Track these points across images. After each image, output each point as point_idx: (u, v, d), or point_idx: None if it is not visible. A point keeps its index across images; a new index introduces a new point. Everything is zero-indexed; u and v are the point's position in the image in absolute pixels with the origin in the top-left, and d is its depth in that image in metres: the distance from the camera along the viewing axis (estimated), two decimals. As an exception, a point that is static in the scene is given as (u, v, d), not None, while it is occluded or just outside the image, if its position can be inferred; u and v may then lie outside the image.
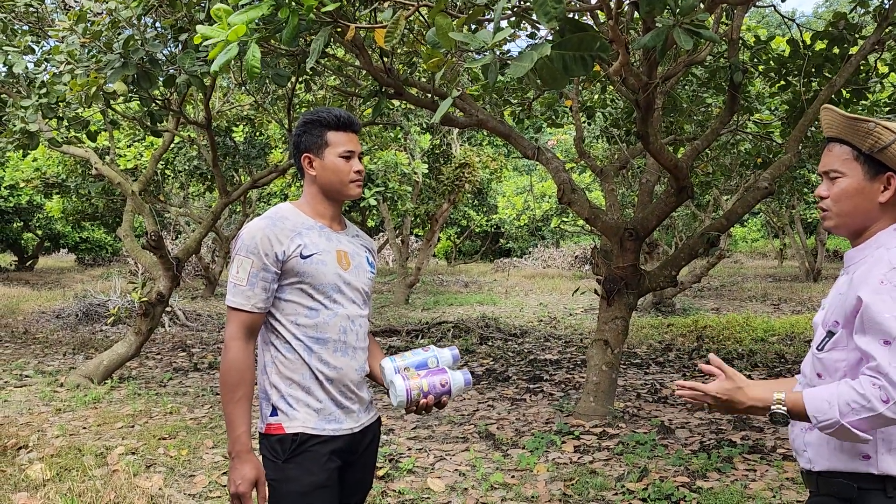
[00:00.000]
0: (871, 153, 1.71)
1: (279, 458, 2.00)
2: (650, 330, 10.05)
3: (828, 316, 1.78)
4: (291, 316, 2.05)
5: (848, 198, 1.75)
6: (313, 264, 2.04)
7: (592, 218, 5.48)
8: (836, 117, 1.75)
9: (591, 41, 1.73)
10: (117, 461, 4.45)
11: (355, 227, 2.30)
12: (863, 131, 1.70)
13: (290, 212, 2.12)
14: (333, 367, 2.06)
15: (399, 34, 2.19)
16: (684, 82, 7.11)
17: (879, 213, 1.75)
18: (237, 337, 2.00)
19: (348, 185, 2.13)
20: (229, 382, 1.99)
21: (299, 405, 2.03)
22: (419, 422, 5.41)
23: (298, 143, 2.15)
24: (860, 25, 5.65)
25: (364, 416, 2.16)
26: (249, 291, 2.00)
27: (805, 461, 1.80)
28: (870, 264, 1.70)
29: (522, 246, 26.44)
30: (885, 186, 1.73)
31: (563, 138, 15.69)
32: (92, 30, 4.41)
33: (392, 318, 11.72)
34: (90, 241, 23.11)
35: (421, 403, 2.10)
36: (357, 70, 6.65)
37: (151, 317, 6.81)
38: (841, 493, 1.71)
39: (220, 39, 2.37)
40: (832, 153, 1.78)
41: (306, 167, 2.14)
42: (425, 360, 2.19)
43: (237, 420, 1.98)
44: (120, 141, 10.85)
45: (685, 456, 4.48)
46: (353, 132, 2.14)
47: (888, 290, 1.62)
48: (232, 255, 2.07)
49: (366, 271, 2.19)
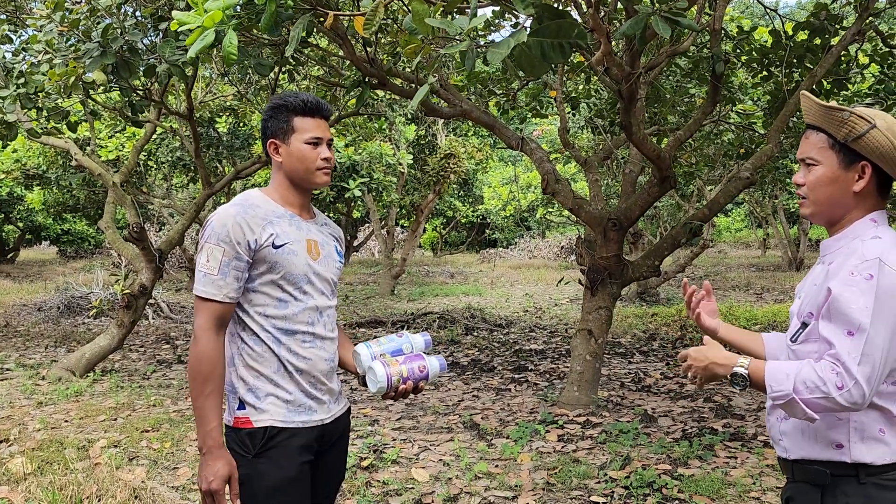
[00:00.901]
0: (846, 142, 1.71)
1: (249, 453, 1.96)
2: (634, 319, 10.11)
3: (803, 307, 1.79)
4: (260, 307, 2.00)
5: (823, 186, 1.75)
6: (285, 254, 1.99)
7: (576, 208, 5.49)
8: (812, 105, 1.76)
9: (568, 28, 1.72)
10: (99, 454, 4.43)
11: (323, 215, 2.26)
12: (837, 120, 1.70)
13: (259, 199, 2.06)
14: (303, 358, 2.03)
15: (378, 22, 2.17)
16: (668, 73, 7.13)
17: (854, 203, 1.75)
18: (208, 328, 1.95)
19: (315, 172, 2.07)
20: (200, 375, 1.93)
21: (268, 397, 1.99)
22: (404, 412, 5.42)
23: (265, 128, 2.10)
24: (841, 16, 5.68)
25: (335, 406, 2.13)
26: (221, 281, 1.95)
27: (781, 449, 1.83)
28: (845, 256, 1.71)
29: (508, 236, 26.49)
30: (860, 175, 1.72)
31: (548, 129, 15.69)
32: (70, 18, 4.35)
33: (377, 309, 11.71)
34: (72, 233, 22.89)
35: (400, 389, 2.09)
36: (340, 60, 6.61)
37: (134, 309, 6.76)
38: (815, 479, 1.73)
39: (196, 26, 2.35)
40: (809, 140, 1.78)
41: (272, 153, 2.09)
42: (400, 347, 2.18)
43: (208, 414, 1.93)
44: (101, 132, 10.74)
45: (667, 444, 4.51)
46: (321, 118, 2.08)
47: (857, 282, 1.63)
48: (200, 244, 2.01)
49: (335, 261, 2.15)
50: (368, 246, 24.56)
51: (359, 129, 11.07)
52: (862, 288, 1.62)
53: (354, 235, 22.15)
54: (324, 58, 6.61)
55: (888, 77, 6.27)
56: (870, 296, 1.61)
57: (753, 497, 3.71)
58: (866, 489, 1.68)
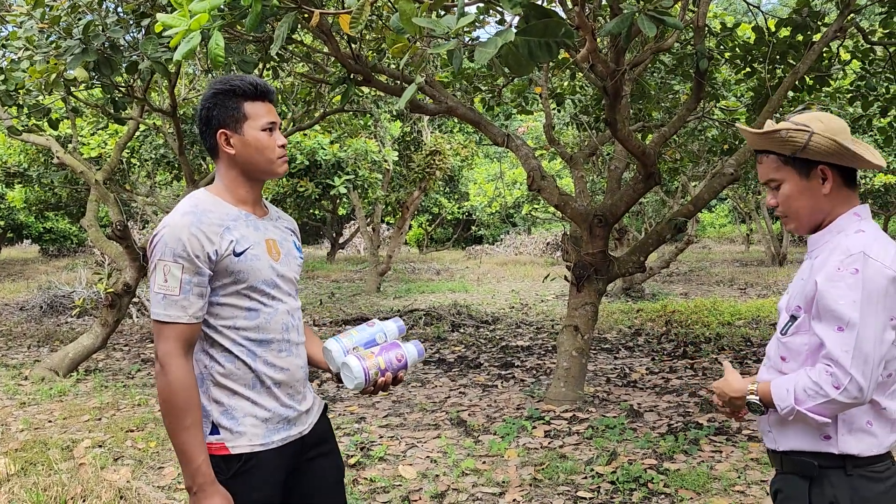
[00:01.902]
0: (795, 156, 1.77)
1: (223, 475, 1.81)
2: (620, 315, 10.16)
3: (791, 301, 1.83)
4: (228, 320, 1.83)
5: (795, 200, 1.81)
6: (248, 261, 1.83)
7: (562, 205, 5.51)
8: (751, 136, 1.82)
9: (556, 27, 1.72)
10: (84, 454, 4.40)
11: (275, 207, 2.09)
12: (779, 140, 1.76)
13: (210, 202, 1.86)
14: (280, 368, 1.89)
15: (364, 20, 2.16)
16: (652, 69, 7.16)
17: (830, 203, 1.80)
18: (176, 354, 1.76)
19: (275, 161, 1.90)
20: (176, 408, 1.75)
21: (245, 418, 1.84)
22: (391, 409, 5.42)
23: (209, 117, 1.88)
24: (823, 13, 5.73)
25: (312, 415, 2.01)
26: (185, 301, 1.76)
27: (770, 441, 1.86)
28: (829, 250, 1.75)
29: (494, 233, 26.52)
30: (823, 178, 1.78)
31: (534, 125, 15.73)
32: (51, 15, 4.31)
33: (364, 306, 11.70)
34: (54, 232, 22.65)
35: (379, 382, 1.96)
36: (325, 57, 6.58)
37: (118, 308, 6.71)
38: (803, 471, 1.77)
39: (181, 28, 2.33)
40: (763, 165, 1.85)
41: (222, 145, 1.88)
42: (373, 337, 2.04)
43: (193, 450, 1.76)
44: (83, 129, 10.63)
45: (653, 439, 4.54)
46: (269, 101, 1.91)
47: (843, 277, 1.67)
48: (152, 261, 1.79)
49: (295, 258, 2.01)
50: (354, 243, 24.50)
51: (344, 125, 11.03)
52: (848, 283, 1.66)
53: (340, 233, 22.08)
54: (308, 54, 6.58)
55: (869, 73, 6.33)
56: (857, 290, 1.65)
57: (738, 490, 3.74)
58: (853, 480, 1.72)
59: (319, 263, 19.86)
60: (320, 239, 27.56)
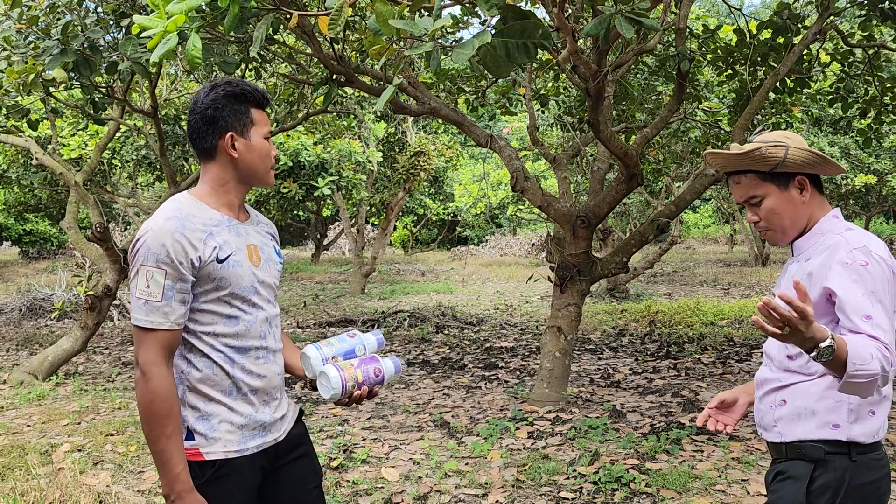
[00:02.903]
0: (775, 170, 1.86)
1: (197, 480, 1.79)
2: (604, 316, 10.20)
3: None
4: (208, 326, 1.82)
5: (780, 213, 1.90)
6: (230, 267, 1.82)
7: (545, 206, 5.52)
8: (727, 158, 1.88)
9: (533, 29, 1.72)
10: (63, 459, 4.34)
11: (255, 212, 2.07)
12: (759, 158, 1.84)
13: (193, 206, 1.84)
14: (258, 375, 1.88)
15: (343, 22, 2.15)
16: (635, 71, 7.19)
17: (809, 210, 1.91)
18: (157, 361, 1.74)
19: (269, 170, 1.92)
20: (157, 415, 1.73)
21: (221, 424, 1.83)
22: (374, 412, 5.40)
23: (215, 118, 1.85)
24: (803, 15, 5.78)
25: (287, 421, 2.00)
26: (167, 307, 1.74)
27: (774, 435, 1.91)
28: (829, 251, 1.81)
29: (479, 234, 26.56)
30: (801, 188, 1.89)
31: (518, 126, 15.75)
32: (29, 15, 4.26)
33: (348, 308, 11.66)
34: (34, 234, 22.42)
35: (354, 395, 1.95)
36: (308, 58, 6.56)
37: (98, 310, 6.64)
38: (808, 454, 1.83)
39: (158, 30, 2.31)
40: (742, 184, 1.92)
41: (226, 148, 1.86)
42: (353, 348, 2.03)
43: (174, 458, 1.74)
44: (63, 130, 10.53)
45: (636, 439, 4.56)
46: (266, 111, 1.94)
47: (855, 270, 1.74)
48: (134, 266, 1.77)
49: (275, 263, 1.99)
50: (338, 244, 24.43)
51: (328, 126, 11.00)
52: (861, 274, 1.74)
53: (324, 234, 22.01)
54: (291, 55, 6.55)
55: (849, 76, 6.40)
56: (869, 280, 1.74)
57: (719, 489, 3.76)
58: (855, 467, 1.80)
59: (303, 265, 19.79)
60: (304, 240, 27.47)
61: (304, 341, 8.26)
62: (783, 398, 1.88)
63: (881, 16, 5.33)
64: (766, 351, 1.99)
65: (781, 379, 1.90)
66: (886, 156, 15.67)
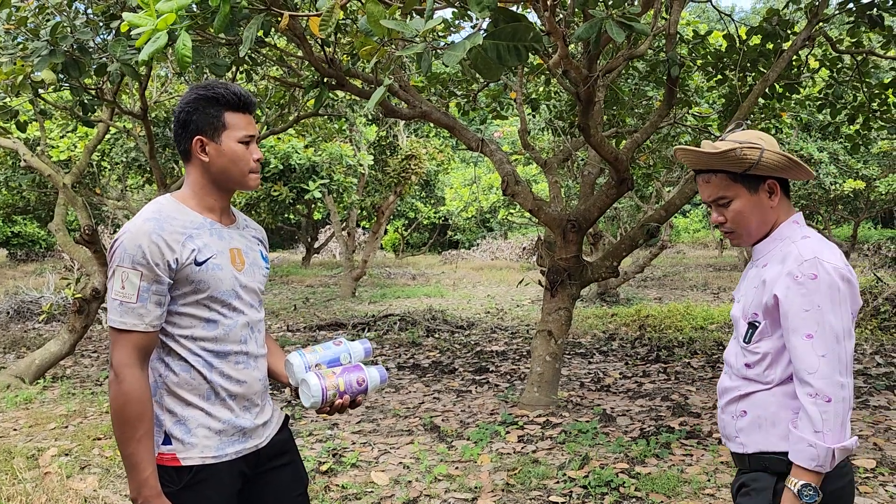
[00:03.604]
0: (748, 172, 1.83)
1: (174, 486, 1.77)
2: (595, 320, 10.21)
3: (746, 309, 1.87)
4: (186, 329, 1.80)
5: (747, 216, 1.87)
6: (209, 270, 1.80)
7: (536, 210, 5.52)
8: (700, 156, 1.85)
9: (524, 32, 1.72)
10: (50, 463, 4.31)
11: (244, 216, 2.05)
12: (733, 159, 1.81)
13: (174, 208, 1.83)
14: (237, 381, 1.85)
15: (333, 23, 2.15)
16: (626, 75, 7.22)
17: (775, 214, 1.88)
18: (130, 363, 1.72)
19: (247, 175, 1.88)
20: (128, 418, 1.71)
21: (198, 429, 1.80)
22: (364, 415, 5.38)
23: (187, 121, 1.84)
24: (792, 22, 5.82)
25: (269, 428, 1.97)
26: (142, 309, 1.72)
27: (737, 445, 1.90)
28: (779, 258, 1.80)
29: (470, 238, 26.57)
30: (771, 192, 1.85)
31: (510, 130, 15.78)
32: (17, 16, 4.23)
33: (338, 311, 11.63)
34: (22, 236, 22.29)
35: (336, 404, 1.93)
36: (299, 60, 6.55)
37: (86, 314, 6.60)
38: (773, 468, 1.81)
39: (147, 28, 2.30)
40: (711, 184, 1.88)
41: (197, 152, 1.85)
42: (338, 356, 2.01)
43: (143, 462, 1.71)
44: (52, 131, 10.47)
45: (625, 443, 4.56)
46: (250, 113, 1.88)
47: (804, 284, 1.72)
48: (111, 267, 1.75)
49: (260, 268, 1.96)
50: (329, 248, 24.39)
51: (319, 129, 10.98)
52: (809, 288, 1.71)
53: (315, 237, 21.96)
54: (282, 58, 6.54)
55: (837, 82, 6.44)
56: (817, 294, 1.71)
57: (708, 493, 3.77)
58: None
59: (294, 268, 19.74)
60: (295, 243, 27.41)
61: (295, 345, 8.23)
62: (743, 409, 1.87)
63: (869, 23, 5.38)
64: (725, 358, 1.96)
65: (741, 388, 1.87)
66: (874, 161, 15.79)
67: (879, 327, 8.51)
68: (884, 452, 4.29)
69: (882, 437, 4.57)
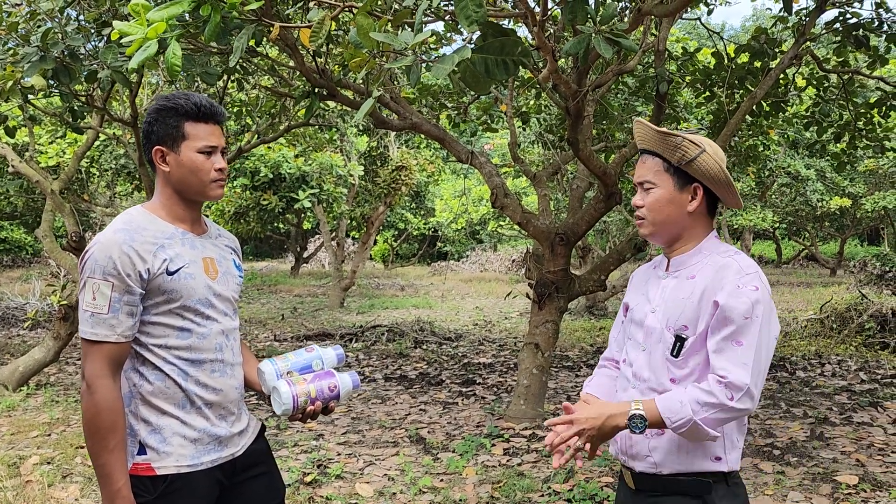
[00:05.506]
0: (680, 165, 1.81)
1: (150, 495, 1.78)
2: (582, 333, 10.23)
3: (672, 321, 1.82)
4: (160, 339, 1.80)
5: (661, 207, 1.84)
6: (181, 279, 1.81)
7: (524, 222, 5.54)
8: (647, 131, 1.84)
9: (512, 46, 1.74)
10: (31, 471, 4.27)
11: (216, 225, 2.07)
12: (671, 145, 1.80)
13: (144, 219, 1.85)
14: (213, 389, 1.86)
15: (324, 35, 2.16)
16: (615, 90, 7.27)
17: (690, 222, 1.86)
18: (103, 374, 1.73)
19: (209, 185, 1.87)
20: (101, 429, 1.71)
21: (173, 438, 1.81)
22: (349, 426, 5.36)
23: (149, 132, 1.86)
24: (780, 40, 5.89)
25: (245, 437, 1.97)
26: (113, 320, 1.73)
27: (648, 465, 1.85)
28: (714, 270, 1.79)
29: (459, 249, 26.58)
30: (693, 196, 1.84)
31: (500, 142, 15.85)
32: (8, 21, 4.22)
33: (326, 321, 11.60)
34: (8, 242, 22.12)
35: (308, 410, 1.94)
36: (291, 70, 6.56)
37: (71, 321, 6.54)
38: (695, 491, 1.80)
39: (138, 36, 2.30)
40: (646, 165, 1.87)
41: (157, 162, 1.86)
42: (309, 363, 2.02)
43: (115, 473, 1.71)
44: (41, 137, 10.43)
45: (610, 457, 4.56)
46: (215, 123, 1.88)
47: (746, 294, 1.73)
48: (82, 279, 1.76)
49: (234, 277, 1.98)
50: (318, 257, 24.33)
51: (309, 139, 10.99)
52: (752, 298, 1.72)
53: (304, 247, 21.92)
54: (273, 67, 6.55)
55: (824, 100, 6.52)
56: (760, 305, 1.72)
57: (693, 509, 3.77)
58: (732, 490, 1.82)
59: (283, 277, 19.68)
60: (284, 253, 27.33)
61: (282, 354, 8.19)
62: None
63: (855, 43, 5.45)
64: (635, 373, 1.89)
65: None
66: (861, 179, 15.96)
67: (864, 344, 8.57)
68: (866, 469, 4.32)
69: (864, 454, 4.59)
